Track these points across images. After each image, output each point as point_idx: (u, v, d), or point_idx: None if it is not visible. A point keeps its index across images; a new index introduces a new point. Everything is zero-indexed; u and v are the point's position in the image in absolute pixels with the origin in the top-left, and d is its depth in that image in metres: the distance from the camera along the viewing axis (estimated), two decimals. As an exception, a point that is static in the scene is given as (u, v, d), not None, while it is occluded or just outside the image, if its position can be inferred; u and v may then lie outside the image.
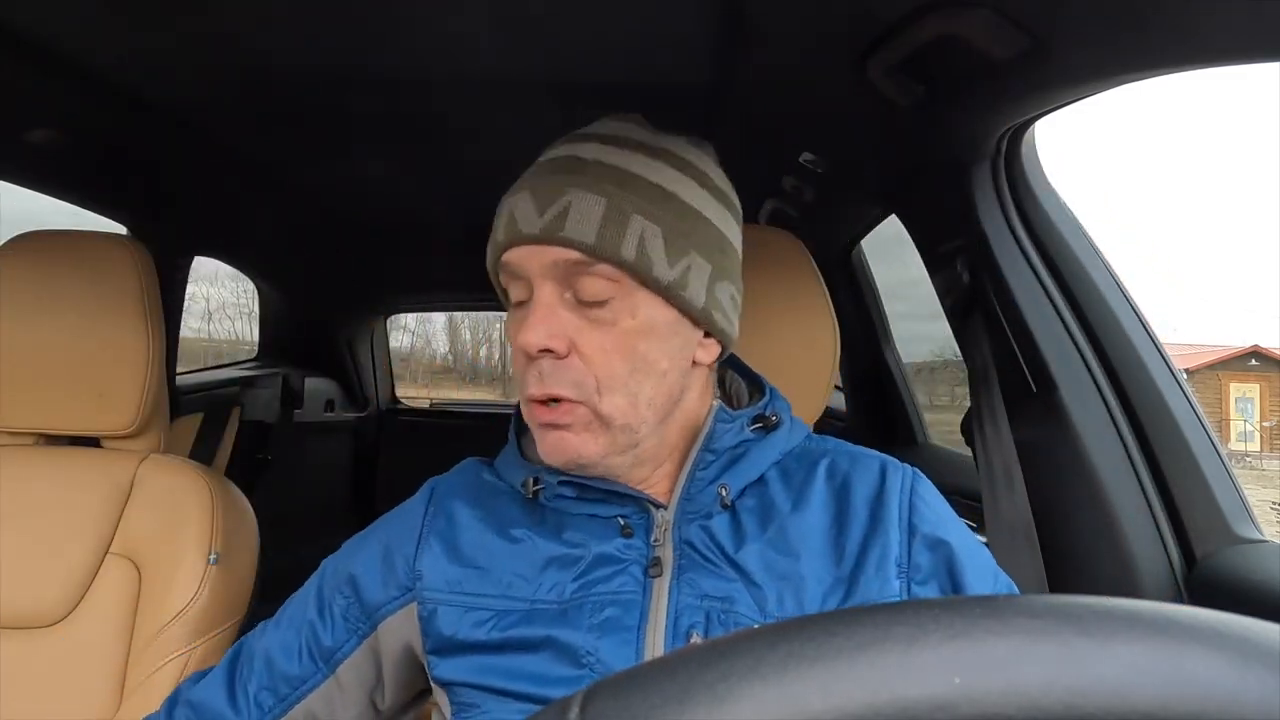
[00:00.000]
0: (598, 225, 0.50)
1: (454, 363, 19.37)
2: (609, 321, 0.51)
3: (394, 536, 0.59)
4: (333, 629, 0.58)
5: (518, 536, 0.55)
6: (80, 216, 1.22)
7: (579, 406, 0.51)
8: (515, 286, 0.54)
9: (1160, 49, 0.56)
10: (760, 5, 0.67)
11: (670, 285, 0.52)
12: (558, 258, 0.50)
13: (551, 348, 0.50)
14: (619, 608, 0.52)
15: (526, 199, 0.52)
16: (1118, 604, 0.19)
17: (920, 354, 1.90)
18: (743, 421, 0.57)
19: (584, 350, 0.51)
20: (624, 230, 0.50)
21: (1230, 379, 17.23)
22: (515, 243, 0.52)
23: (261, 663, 0.59)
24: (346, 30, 0.77)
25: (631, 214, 0.51)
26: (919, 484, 0.57)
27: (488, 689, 0.52)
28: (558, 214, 0.50)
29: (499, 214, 0.55)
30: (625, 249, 0.50)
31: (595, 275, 0.50)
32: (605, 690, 0.19)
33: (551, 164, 0.55)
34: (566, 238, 0.50)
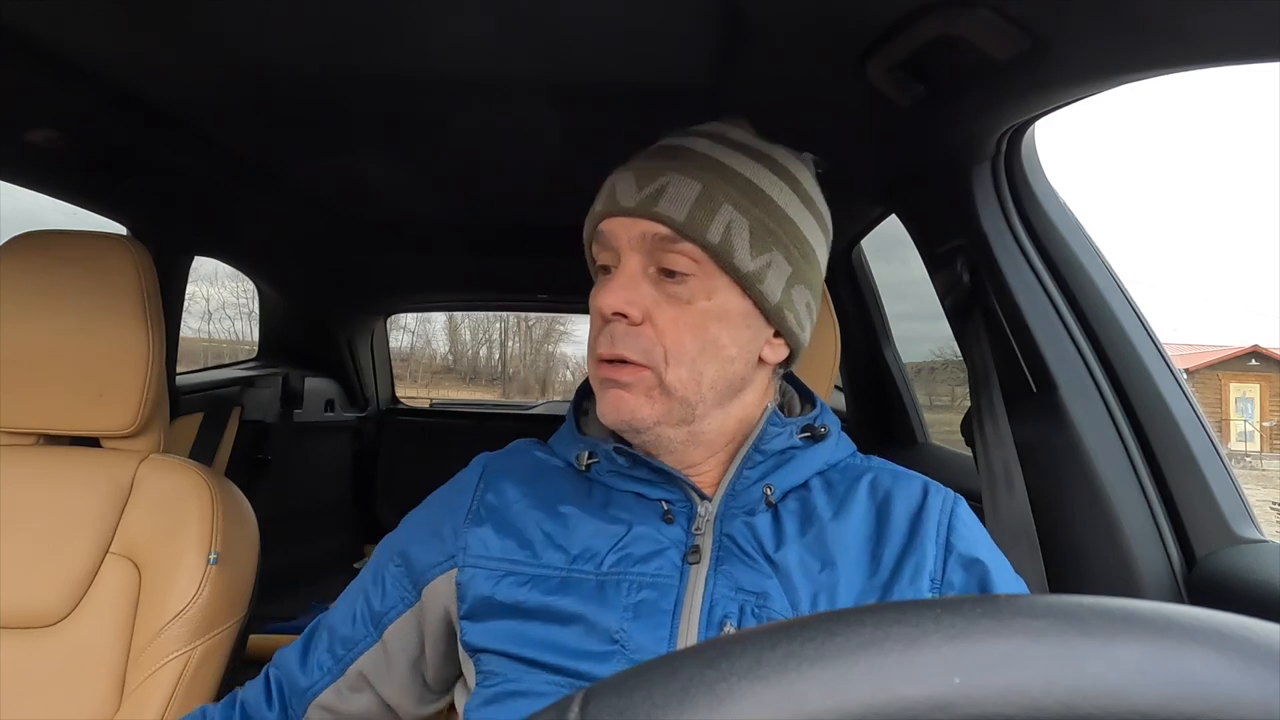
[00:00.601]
0: (689, 206, 0.54)
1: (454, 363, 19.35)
2: (685, 299, 0.54)
3: (445, 509, 0.62)
4: (383, 595, 0.61)
5: (564, 512, 0.58)
6: (80, 216, 1.22)
7: (644, 371, 0.54)
8: (605, 256, 0.58)
9: (1160, 49, 0.56)
10: (760, 5, 0.67)
11: (748, 275, 0.55)
12: (647, 230, 0.54)
13: (626, 313, 0.53)
14: (655, 591, 0.53)
15: (628, 176, 0.57)
16: (1118, 604, 0.19)
17: (920, 354, 1.91)
18: (793, 428, 0.59)
19: (658, 322, 0.54)
20: (713, 215, 0.54)
21: (1230, 379, 17.24)
22: (612, 213, 0.56)
23: (326, 630, 0.63)
24: (346, 30, 0.77)
25: (723, 202, 0.55)
26: (959, 507, 0.58)
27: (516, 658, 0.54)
28: (654, 191, 0.54)
29: (602, 190, 0.59)
30: (711, 232, 0.54)
31: (679, 253, 0.54)
32: (605, 690, 0.19)
33: (659, 150, 0.59)
34: (659, 213, 0.54)
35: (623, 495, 0.57)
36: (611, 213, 0.56)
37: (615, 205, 0.56)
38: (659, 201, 0.54)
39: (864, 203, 1.22)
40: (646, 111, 0.94)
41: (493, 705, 0.54)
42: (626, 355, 0.53)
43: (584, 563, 0.55)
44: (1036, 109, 0.74)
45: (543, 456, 0.63)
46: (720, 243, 0.54)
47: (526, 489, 0.60)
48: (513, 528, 0.58)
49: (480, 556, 0.57)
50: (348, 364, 2.32)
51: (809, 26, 0.69)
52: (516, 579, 0.56)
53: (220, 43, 0.80)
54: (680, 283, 0.54)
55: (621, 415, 0.54)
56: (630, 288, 0.54)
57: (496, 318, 18.23)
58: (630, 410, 0.54)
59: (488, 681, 0.55)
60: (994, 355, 0.88)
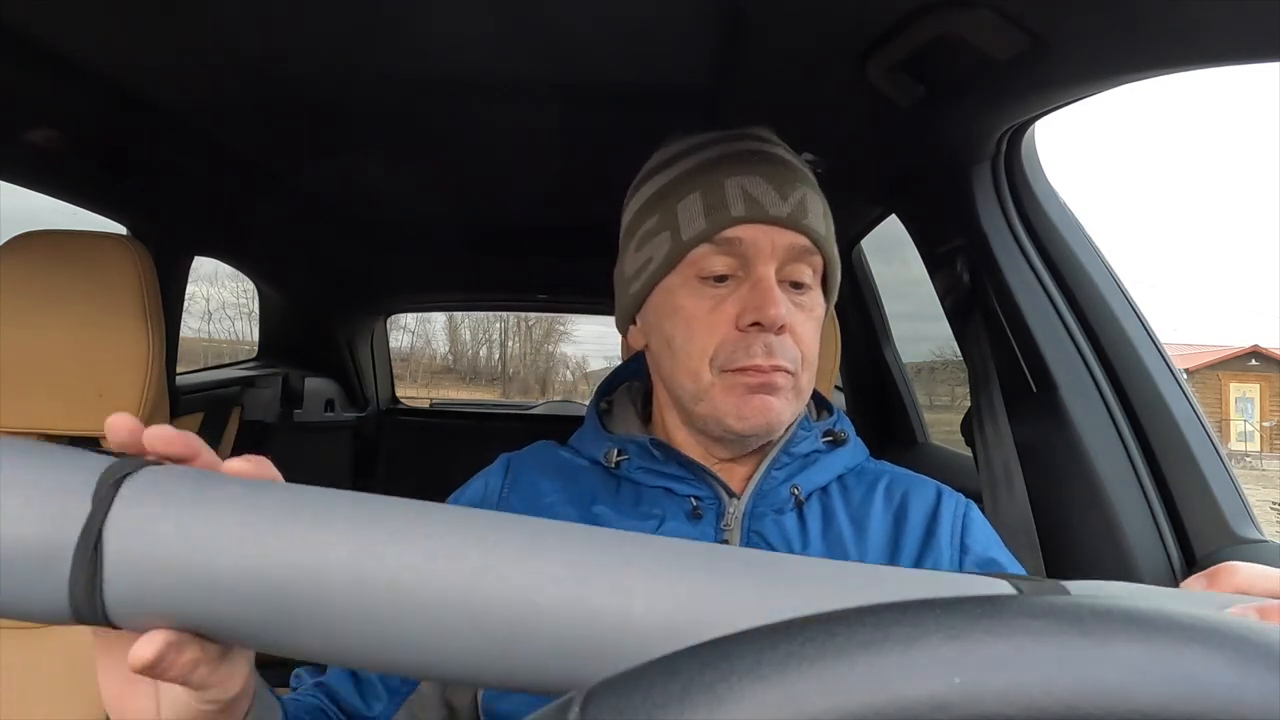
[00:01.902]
0: (822, 220, 0.56)
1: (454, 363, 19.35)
2: (809, 308, 0.57)
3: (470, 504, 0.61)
4: None
5: (597, 510, 0.58)
6: (80, 216, 1.22)
7: (791, 377, 0.55)
8: (723, 262, 0.55)
9: (1160, 49, 0.56)
10: (760, 5, 0.67)
11: (835, 290, 0.59)
12: (795, 242, 0.55)
13: (785, 323, 0.54)
14: None
15: (762, 184, 0.55)
16: (1118, 604, 0.19)
17: (920, 354, 1.91)
18: (818, 432, 0.61)
19: (795, 329, 0.55)
20: (831, 231, 0.57)
21: (1230, 379, 17.25)
22: (757, 220, 0.54)
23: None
24: (346, 30, 0.77)
25: (829, 215, 0.58)
26: (971, 510, 0.60)
27: None
28: (799, 202, 0.55)
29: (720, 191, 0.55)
30: (832, 249, 0.58)
31: (810, 265, 0.56)
32: (605, 690, 0.19)
33: (759, 155, 0.57)
34: (808, 226, 0.55)
35: (652, 491, 0.58)
36: (756, 219, 0.54)
37: (763, 213, 0.54)
38: (806, 214, 0.55)
39: (864, 203, 1.22)
40: (647, 112, 0.94)
41: (511, 694, 0.53)
42: (787, 364, 0.54)
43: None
44: (1036, 109, 0.74)
45: (567, 456, 0.63)
46: (833, 256, 0.58)
47: (559, 482, 0.60)
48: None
49: None
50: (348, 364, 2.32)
51: (809, 27, 0.69)
52: None
53: (220, 43, 0.80)
54: (805, 294, 0.56)
55: (769, 417, 0.54)
56: (783, 300, 0.54)
57: (496, 318, 18.24)
58: (777, 414, 0.54)
59: None
60: (994, 355, 0.89)
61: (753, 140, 0.60)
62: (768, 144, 0.60)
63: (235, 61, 0.85)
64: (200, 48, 0.82)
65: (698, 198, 0.56)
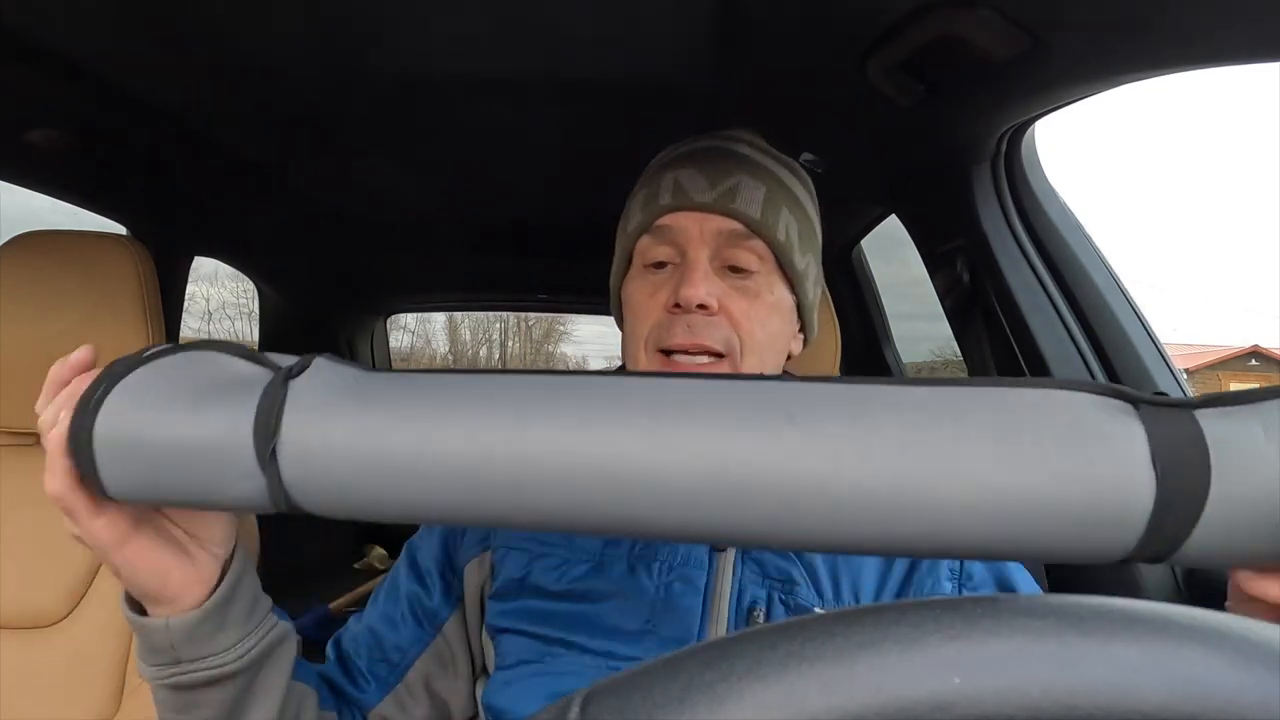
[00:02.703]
0: (760, 205, 0.57)
1: (454, 362, 19.37)
2: (754, 292, 0.57)
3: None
4: (432, 590, 0.61)
5: None
6: (80, 216, 1.22)
7: (722, 360, 0.55)
8: (662, 250, 0.58)
9: (1160, 49, 0.56)
10: (760, 5, 0.67)
11: (800, 273, 0.59)
12: (723, 226, 0.56)
13: (707, 304, 0.55)
14: (686, 575, 0.55)
15: (694, 173, 0.58)
16: (1118, 604, 0.19)
17: (920, 354, 1.91)
18: None
19: (732, 312, 0.56)
20: (778, 216, 0.58)
21: (1230, 379, 17.24)
22: (683, 208, 0.57)
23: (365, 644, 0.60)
24: (346, 30, 0.77)
25: (781, 205, 0.58)
26: None
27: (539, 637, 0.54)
28: (729, 189, 0.57)
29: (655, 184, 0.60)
30: (779, 231, 0.58)
31: (749, 250, 0.57)
32: (605, 690, 0.19)
33: (710, 151, 0.60)
34: (736, 210, 0.56)
35: None
36: (683, 207, 0.57)
37: (687, 200, 0.57)
38: (735, 199, 0.56)
39: (864, 203, 1.22)
40: (646, 111, 0.94)
41: (513, 687, 0.54)
42: (710, 344, 0.54)
43: (615, 546, 0.56)
44: (1036, 109, 0.73)
45: None
46: (785, 241, 0.58)
47: None
48: None
49: (513, 537, 0.58)
50: (348, 364, 2.32)
51: (809, 26, 0.69)
52: (551, 560, 0.57)
53: (220, 43, 0.80)
54: (747, 278, 0.57)
55: None
56: (708, 279, 0.55)
57: (496, 318, 18.23)
58: None
59: (507, 662, 0.55)
60: (994, 355, 0.88)
61: (720, 139, 0.61)
62: (732, 142, 0.61)
63: (235, 61, 0.85)
64: (200, 47, 0.82)
65: (642, 194, 0.60)
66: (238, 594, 0.44)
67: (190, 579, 0.42)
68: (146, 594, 0.42)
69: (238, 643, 0.44)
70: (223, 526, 0.44)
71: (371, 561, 2.27)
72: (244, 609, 0.45)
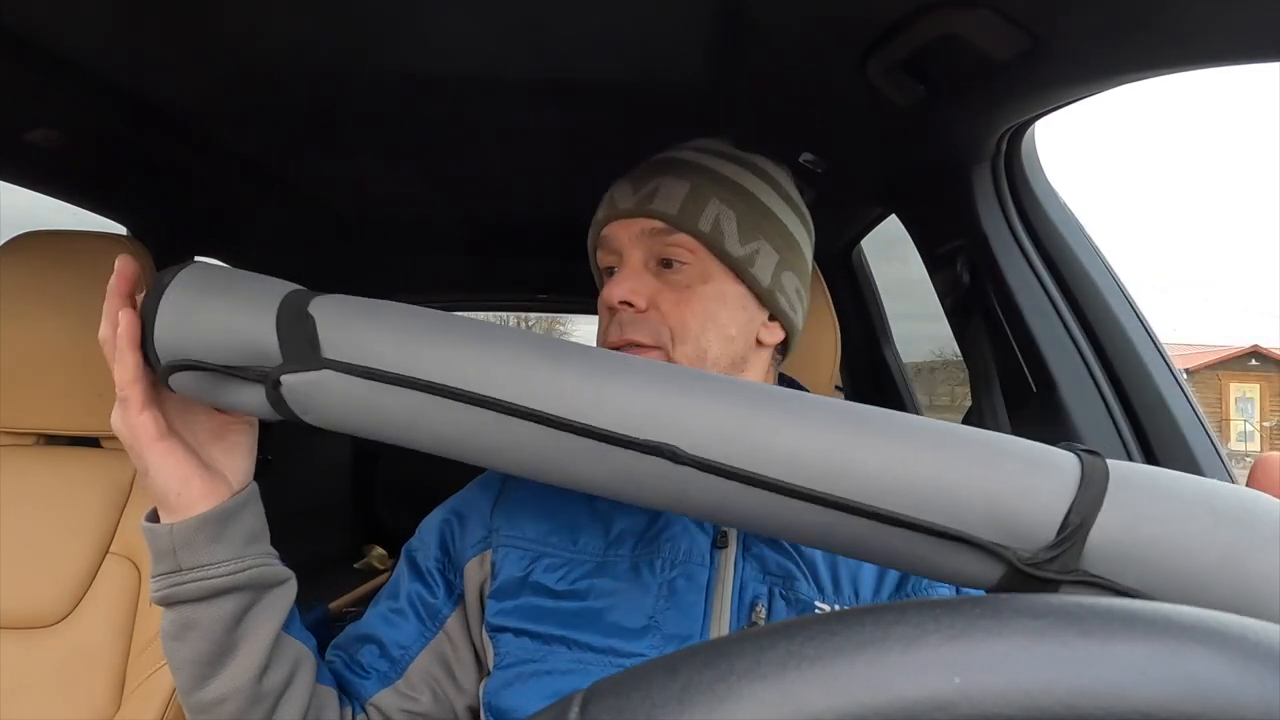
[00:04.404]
0: (680, 202, 0.59)
1: (454, 363, 19.30)
2: (685, 285, 0.59)
3: (471, 499, 0.64)
4: (434, 587, 0.62)
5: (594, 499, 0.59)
6: (80, 216, 1.22)
7: (653, 351, 0.57)
8: (609, 258, 0.63)
9: (1160, 49, 0.56)
10: (760, 5, 0.67)
11: (739, 260, 0.60)
12: (644, 227, 0.60)
13: (631, 301, 0.58)
14: (688, 572, 0.55)
15: (624, 184, 0.63)
16: (1118, 604, 0.19)
17: (920, 354, 1.91)
18: None
19: (662, 307, 0.58)
20: (702, 209, 0.60)
21: (1230, 379, 17.25)
22: (611, 218, 0.62)
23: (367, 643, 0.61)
24: (346, 30, 0.77)
25: (710, 198, 0.60)
26: None
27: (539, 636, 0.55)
28: (649, 192, 0.60)
29: (602, 202, 0.65)
30: (702, 223, 0.59)
31: (676, 244, 0.59)
32: (605, 690, 0.19)
33: (651, 162, 0.65)
34: (653, 210, 0.59)
35: None
36: (611, 217, 0.62)
37: (615, 209, 0.62)
38: (653, 200, 0.60)
39: (864, 203, 1.22)
40: (647, 111, 0.94)
41: (514, 686, 0.54)
42: (636, 338, 0.57)
43: (618, 547, 0.57)
44: (1036, 109, 0.74)
45: None
46: (711, 231, 0.59)
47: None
48: (548, 511, 0.60)
49: (514, 536, 0.59)
50: (348, 364, 2.32)
51: (809, 26, 0.69)
52: (553, 560, 0.57)
53: (220, 43, 0.80)
54: (678, 271, 0.59)
55: None
56: (633, 279, 0.59)
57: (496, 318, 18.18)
58: None
59: (506, 661, 0.55)
60: (994, 355, 0.88)
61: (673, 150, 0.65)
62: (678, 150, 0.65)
63: (235, 61, 0.85)
64: (200, 47, 0.82)
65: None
66: (240, 516, 0.50)
67: (206, 491, 0.48)
68: (167, 494, 0.48)
69: (231, 559, 0.49)
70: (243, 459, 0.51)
71: (371, 561, 2.27)
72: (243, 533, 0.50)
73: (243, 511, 0.50)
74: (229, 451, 0.50)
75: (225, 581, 0.48)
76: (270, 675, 0.50)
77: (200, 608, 0.48)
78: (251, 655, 0.50)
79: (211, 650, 0.49)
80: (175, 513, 0.48)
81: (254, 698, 0.50)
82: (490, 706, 0.55)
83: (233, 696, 0.50)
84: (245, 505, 0.50)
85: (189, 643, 0.49)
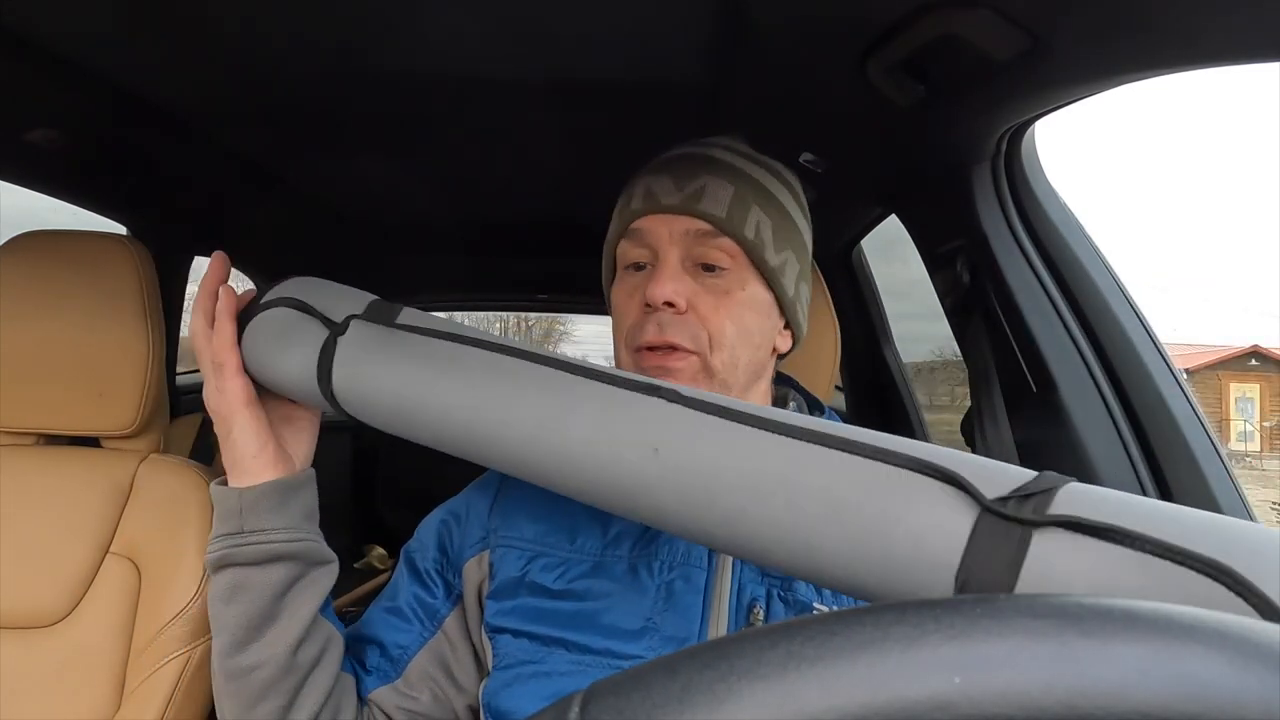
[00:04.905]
0: (727, 205, 0.59)
1: (454, 363, 19.24)
2: (723, 289, 0.59)
3: (469, 500, 0.64)
4: (433, 588, 0.62)
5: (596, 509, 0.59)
6: (80, 216, 1.22)
7: (692, 356, 0.57)
8: (638, 253, 0.61)
9: (1160, 49, 0.56)
10: (760, 5, 0.67)
11: (774, 270, 0.61)
12: (690, 227, 0.59)
13: (674, 301, 0.57)
14: (686, 574, 0.55)
15: (664, 178, 0.61)
16: (1118, 604, 0.19)
17: (920, 354, 1.91)
18: None
19: (700, 310, 0.58)
20: (746, 215, 0.60)
21: (1230, 379, 17.25)
22: (651, 211, 0.60)
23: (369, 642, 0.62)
24: (346, 30, 0.77)
25: (752, 204, 0.60)
26: None
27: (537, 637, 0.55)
28: (695, 191, 0.59)
29: (630, 191, 0.63)
30: (747, 229, 0.59)
31: (717, 248, 0.59)
32: (605, 690, 0.19)
33: (682, 157, 0.63)
34: (702, 210, 0.59)
35: None
36: (651, 210, 0.60)
37: (656, 204, 0.60)
38: (701, 200, 0.59)
39: (864, 203, 1.22)
40: (646, 111, 0.94)
41: (512, 688, 0.54)
42: (677, 341, 0.56)
43: (616, 547, 0.57)
44: (1036, 109, 0.73)
45: None
46: (754, 239, 0.59)
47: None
48: (545, 511, 0.60)
49: (512, 536, 0.59)
50: (348, 364, 2.32)
51: (809, 26, 0.69)
52: (549, 560, 0.57)
53: (220, 43, 0.80)
54: (718, 276, 0.59)
55: None
56: (676, 279, 0.58)
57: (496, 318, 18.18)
58: None
59: (505, 663, 0.55)
60: (994, 355, 0.88)
61: (698, 145, 0.64)
62: (707, 147, 0.63)
63: (235, 61, 0.85)
64: (200, 47, 0.82)
65: (620, 201, 0.63)
66: (301, 492, 0.55)
67: (277, 459, 0.54)
68: (245, 456, 0.53)
69: (289, 528, 0.53)
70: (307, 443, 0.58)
71: (371, 561, 2.27)
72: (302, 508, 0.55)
73: (304, 488, 0.55)
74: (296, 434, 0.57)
75: (282, 548, 0.52)
76: (305, 649, 0.53)
77: (253, 571, 0.52)
78: (292, 625, 0.53)
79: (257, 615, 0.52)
80: (246, 477, 0.53)
81: (287, 667, 0.52)
82: (490, 707, 0.55)
83: (269, 663, 0.52)
84: (306, 484, 0.55)
85: (238, 604, 0.52)
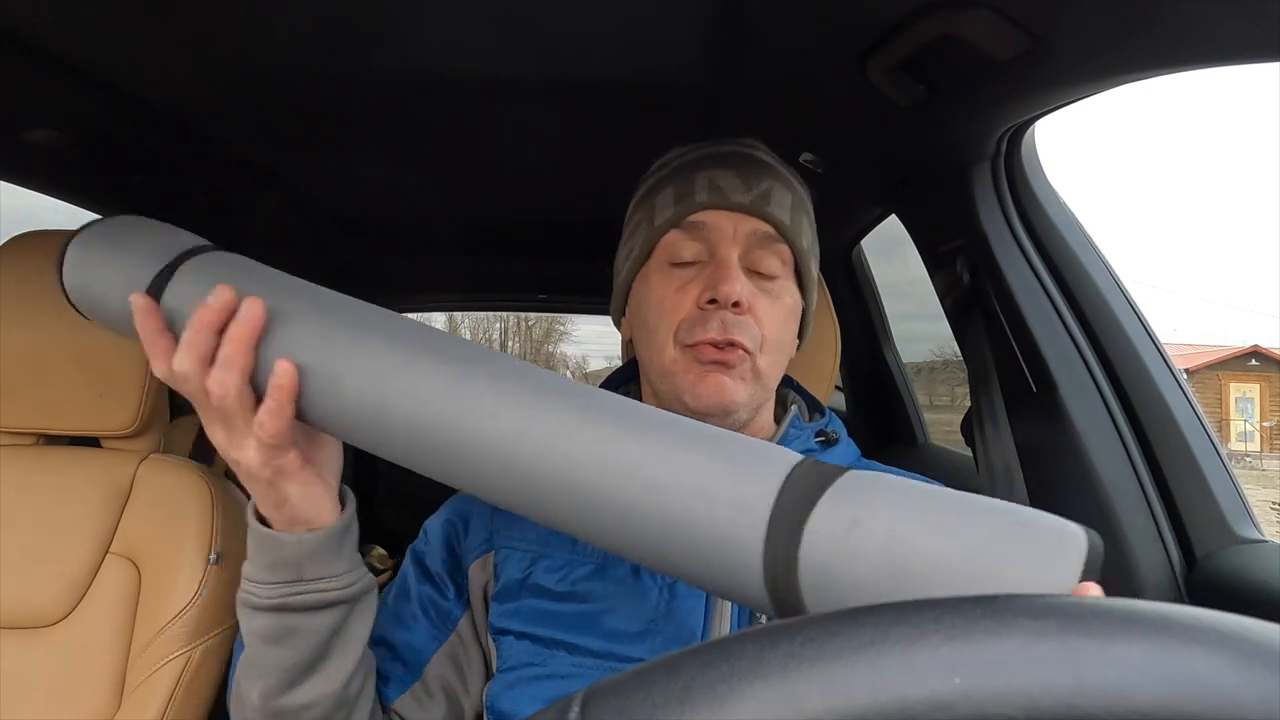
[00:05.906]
0: (789, 211, 0.59)
1: (454, 363, 19.25)
2: (776, 294, 0.59)
3: (473, 500, 0.62)
4: (445, 589, 0.61)
5: None
6: (80, 216, 1.22)
7: (748, 357, 0.56)
8: (692, 247, 0.59)
9: (1160, 49, 0.56)
10: (760, 5, 0.67)
11: (811, 281, 0.62)
12: (757, 228, 0.58)
13: (741, 301, 0.56)
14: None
15: (728, 175, 0.59)
16: (1118, 604, 0.19)
17: (920, 354, 1.91)
18: (810, 432, 0.63)
19: (757, 312, 0.57)
20: (802, 223, 0.60)
21: (1230, 379, 17.25)
22: (720, 207, 0.58)
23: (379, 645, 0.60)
24: (346, 30, 0.77)
25: (803, 213, 0.61)
26: None
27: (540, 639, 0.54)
28: (762, 193, 0.59)
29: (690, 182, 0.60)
30: (804, 238, 0.60)
31: (775, 254, 0.59)
32: (606, 690, 0.19)
33: (736, 155, 0.62)
34: (770, 213, 0.58)
35: None
36: (718, 205, 0.58)
37: (724, 200, 0.58)
38: (769, 203, 0.58)
39: (864, 203, 1.22)
40: (646, 111, 0.94)
41: (514, 690, 0.54)
42: (740, 341, 0.56)
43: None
44: (1036, 109, 0.73)
45: None
46: (805, 248, 0.60)
47: None
48: None
49: (515, 538, 0.59)
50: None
51: (809, 26, 0.69)
52: (552, 562, 0.57)
53: (220, 43, 0.80)
54: (771, 280, 0.59)
55: (724, 397, 0.56)
56: (740, 279, 0.57)
57: (496, 318, 18.24)
58: (732, 393, 0.56)
59: (508, 665, 0.55)
60: (994, 355, 0.88)
61: (737, 145, 0.63)
62: (749, 148, 0.63)
63: (235, 61, 0.85)
64: (200, 47, 0.82)
65: (670, 189, 0.60)
66: (352, 528, 0.50)
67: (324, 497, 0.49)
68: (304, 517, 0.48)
69: (348, 572, 0.49)
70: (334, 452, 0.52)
71: (371, 561, 2.27)
72: (353, 545, 0.51)
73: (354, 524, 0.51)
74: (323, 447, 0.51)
75: (341, 594, 0.49)
76: (354, 680, 0.51)
77: (307, 617, 0.48)
78: (346, 661, 0.50)
79: (310, 657, 0.49)
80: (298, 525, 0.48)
81: (339, 703, 0.50)
82: (492, 709, 0.55)
83: (322, 701, 0.50)
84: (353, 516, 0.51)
85: (288, 648, 0.49)
